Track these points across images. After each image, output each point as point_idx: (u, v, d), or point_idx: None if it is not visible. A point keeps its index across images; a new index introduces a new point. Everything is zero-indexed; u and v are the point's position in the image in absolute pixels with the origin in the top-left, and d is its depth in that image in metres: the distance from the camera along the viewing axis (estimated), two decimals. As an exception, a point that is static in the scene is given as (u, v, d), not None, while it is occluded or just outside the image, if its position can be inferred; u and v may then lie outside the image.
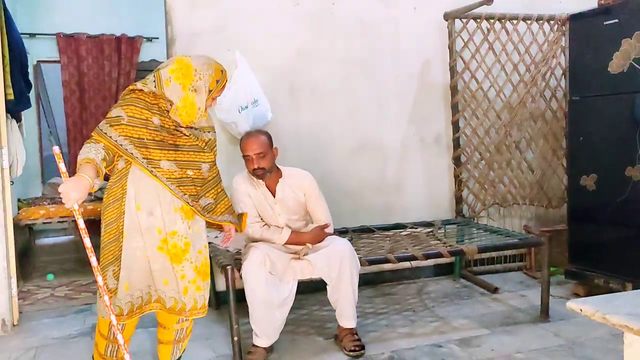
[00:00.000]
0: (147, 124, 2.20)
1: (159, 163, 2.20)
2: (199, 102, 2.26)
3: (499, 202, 4.20)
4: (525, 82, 4.09)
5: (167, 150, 2.23)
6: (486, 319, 3.28)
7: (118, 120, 2.17)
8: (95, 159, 2.09)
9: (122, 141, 2.16)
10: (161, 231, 2.24)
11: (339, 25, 3.86)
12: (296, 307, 3.21)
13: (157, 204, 2.24)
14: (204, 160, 2.34)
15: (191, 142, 2.30)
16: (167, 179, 2.21)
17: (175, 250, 2.26)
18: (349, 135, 3.93)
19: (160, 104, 2.24)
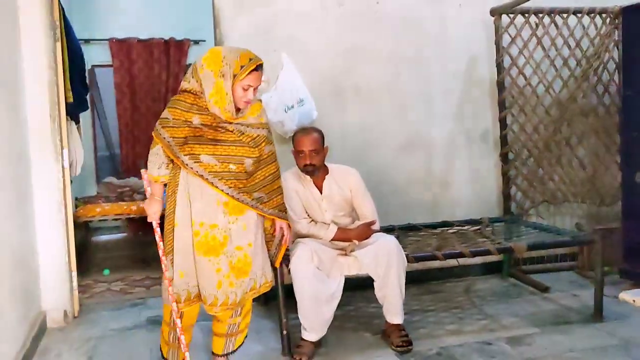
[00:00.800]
0: (188, 124, 2.32)
1: (199, 157, 2.31)
2: (226, 87, 2.29)
3: (548, 200, 4.12)
4: (576, 77, 4.00)
5: (205, 144, 2.32)
6: (537, 318, 3.23)
7: (167, 122, 2.34)
8: (160, 177, 2.43)
9: (171, 141, 2.32)
10: (194, 223, 2.35)
11: (384, 24, 3.87)
12: (343, 303, 3.24)
13: (198, 196, 2.34)
14: (248, 155, 2.37)
15: (234, 137, 2.36)
16: (209, 172, 2.31)
17: (213, 243, 2.34)
18: (395, 133, 3.93)
19: (199, 103, 2.33)
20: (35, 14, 3.23)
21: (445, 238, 3.52)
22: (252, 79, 2.33)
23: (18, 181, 2.98)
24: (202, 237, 2.35)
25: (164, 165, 2.40)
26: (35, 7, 3.23)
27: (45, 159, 3.30)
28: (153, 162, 2.41)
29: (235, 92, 2.32)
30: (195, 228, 2.35)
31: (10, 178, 2.80)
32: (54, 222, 3.35)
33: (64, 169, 3.39)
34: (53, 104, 3.30)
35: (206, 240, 2.34)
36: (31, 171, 3.26)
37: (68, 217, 3.43)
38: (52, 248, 3.36)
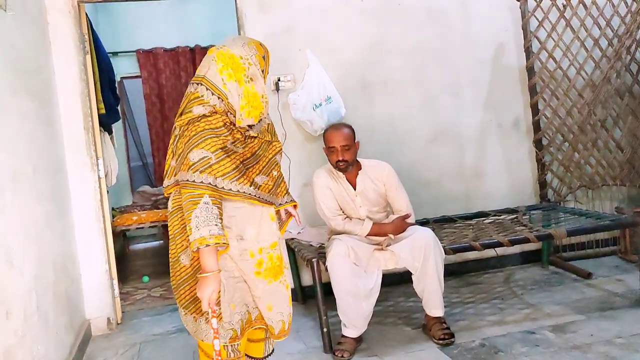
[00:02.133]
0: (228, 151, 1.90)
1: (256, 182, 1.98)
2: (260, 89, 1.97)
3: (586, 185, 4.02)
4: (609, 57, 3.89)
5: (252, 166, 1.99)
6: (581, 305, 3.15)
7: (206, 161, 1.85)
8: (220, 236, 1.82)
9: (222, 183, 1.86)
10: (254, 254, 2.02)
11: (407, 16, 3.84)
12: (382, 299, 3.23)
13: (249, 223, 2.01)
14: (276, 152, 2.14)
15: (260, 140, 2.05)
16: (268, 193, 2.04)
17: (279, 262, 2.10)
18: (425, 126, 3.90)
19: (224, 120, 1.94)
20: (64, 28, 3.31)
21: (481, 228, 3.47)
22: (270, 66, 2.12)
23: (56, 192, 3.05)
24: (268, 262, 2.05)
25: (213, 221, 1.81)
26: (64, 21, 3.31)
27: (81, 169, 3.37)
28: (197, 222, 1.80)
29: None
30: (257, 258, 2.02)
31: (48, 189, 2.87)
32: (93, 232, 3.42)
33: (99, 179, 3.46)
34: (86, 115, 3.38)
35: (272, 264, 2.06)
36: (68, 182, 3.33)
37: (106, 226, 3.50)
38: (93, 257, 3.43)
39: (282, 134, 3.60)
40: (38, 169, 2.69)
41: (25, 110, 2.60)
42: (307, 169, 3.58)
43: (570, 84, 3.91)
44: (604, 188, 4.09)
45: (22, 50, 2.68)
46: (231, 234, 1.97)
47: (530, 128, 4.02)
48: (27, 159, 2.53)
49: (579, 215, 3.55)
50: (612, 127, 4.02)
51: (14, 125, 2.41)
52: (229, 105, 1.93)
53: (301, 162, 3.66)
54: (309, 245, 3.31)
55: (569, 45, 3.88)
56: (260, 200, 1.99)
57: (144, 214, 5.08)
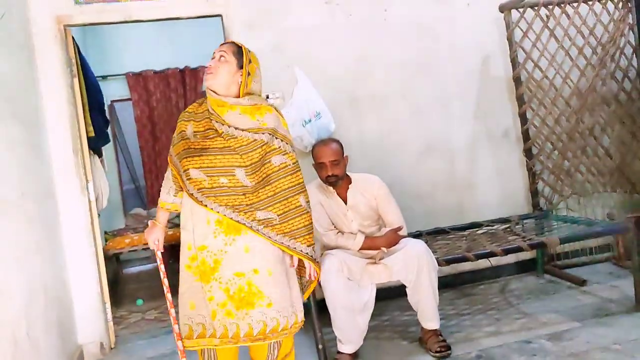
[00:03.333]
0: (183, 136, 2.17)
1: (189, 173, 2.09)
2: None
3: (577, 192, 4.03)
4: (593, 66, 3.93)
5: (192, 156, 2.09)
6: (576, 312, 3.15)
7: (173, 141, 2.24)
8: (165, 204, 2.28)
9: (173, 155, 2.20)
10: (191, 247, 2.12)
11: (394, 30, 3.87)
12: (377, 313, 3.21)
13: (190, 216, 2.14)
14: (238, 165, 2.07)
15: (222, 143, 2.10)
16: (198, 190, 2.07)
17: (203, 268, 2.10)
18: (415, 138, 3.91)
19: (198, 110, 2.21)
20: (51, 52, 3.31)
21: (474, 239, 3.47)
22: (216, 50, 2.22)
23: (46, 217, 3.04)
24: (199, 262, 2.11)
25: (172, 190, 2.25)
26: (51, 46, 3.31)
27: (71, 193, 3.35)
28: (163, 187, 2.29)
29: None
30: (193, 252, 2.12)
31: (38, 214, 2.85)
32: (85, 256, 3.39)
33: (90, 202, 3.44)
34: (75, 138, 3.37)
35: (199, 264, 2.11)
36: (58, 206, 3.31)
37: (98, 250, 3.47)
38: (85, 281, 3.39)
39: (273, 151, 3.61)
40: (27, 195, 2.68)
41: (12, 135, 2.60)
42: (298, 186, 3.57)
43: (557, 92, 3.94)
44: (595, 195, 4.10)
45: (8, 76, 2.68)
46: (181, 223, 2.20)
47: (519, 137, 4.04)
48: (15, 185, 2.52)
49: (572, 223, 3.56)
50: (600, 135, 4.05)
51: (1, 151, 2.40)
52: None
53: (292, 178, 3.65)
54: (303, 261, 3.29)
55: (554, 54, 3.92)
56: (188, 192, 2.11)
57: (136, 237, 5.05)
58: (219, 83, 2.15)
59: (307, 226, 2.20)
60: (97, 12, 3.40)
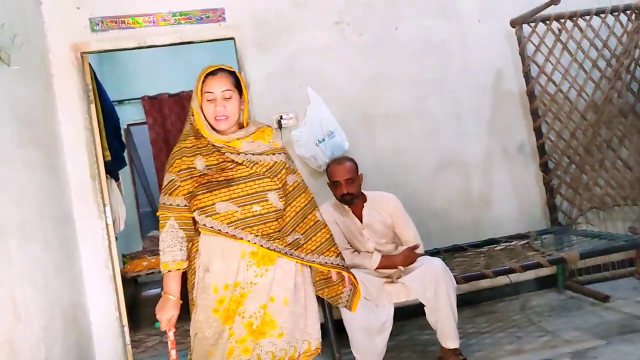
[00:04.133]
0: (192, 172, 1.96)
1: (214, 207, 1.92)
2: (196, 107, 2.01)
3: (597, 206, 3.97)
4: (609, 78, 3.90)
5: (217, 189, 1.93)
6: (600, 329, 3.07)
7: (173, 184, 1.97)
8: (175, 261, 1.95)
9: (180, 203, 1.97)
10: (217, 289, 1.94)
11: (405, 48, 3.89)
12: (396, 333, 3.18)
13: (218, 255, 1.95)
14: (270, 189, 1.99)
15: (247, 170, 1.98)
16: (229, 224, 1.92)
17: (232, 306, 1.94)
18: (429, 155, 3.90)
19: (199, 144, 2.01)
20: (69, 79, 3.38)
21: (492, 256, 3.42)
22: (210, 84, 1.99)
23: (64, 241, 3.06)
24: (228, 302, 1.94)
25: (178, 246, 1.95)
26: (68, 73, 3.38)
27: (89, 217, 3.38)
28: (164, 247, 1.96)
29: (204, 109, 2.00)
30: (220, 294, 1.94)
31: (56, 238, 2.88)
32: (103, 279, 3.41)
33: (107, 226, 3.46)
34: (92, 163, 3.41)
35: (227, 305, 1.94)
36: (76, 230, 3.34)
37: (116, 273, 3.49)
38: (103, 305, 3.40)
39: (287, 171, 3.62)
40: (45, 219, 2.71)
41: (31, 161, 2.64)
42: (313, 205, 3.57)
43: (572, 106, 3.92)
44: (615, 208, 4.04)
45: (27, 103, 2.74)
46: (199, 264, 1.97)
47: (535, 152, 4.00)
48: (34, 209, 2.55)
49: (592, 237, 3.50)
50: (618, 147, 4.00)
51: (21, 176, 2.44)
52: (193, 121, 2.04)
53: (307, 198, 3.65)
54: (319, 281, 3.27)
55: (568, 67, 3.90)
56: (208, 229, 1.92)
57: (154, 259, 5.06)
58: (231, 123, 2.03)
59: (329, 239, 2.13)
60: (113, 39, 3.47)
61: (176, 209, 1.96)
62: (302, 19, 3.74)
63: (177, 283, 1.97)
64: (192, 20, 3.57)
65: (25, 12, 3.00)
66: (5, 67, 2.40)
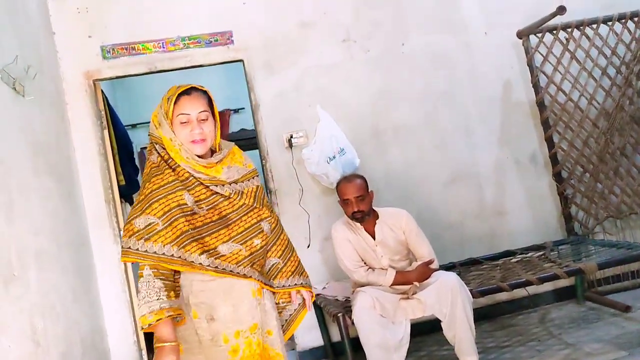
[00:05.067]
0: (184, 210, 1.71)
1: (217, 251, 1.73)
2: (167, 132, 1.77)
3: (613, 215, 3.92)
4: (619, 85, 3.88)
5: (216, 231, 1.75)
6: (622, 341, 3.02)
7: (151, 229, 1.66)
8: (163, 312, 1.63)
9: (171, 250, 1.67)
10: (228, 339, 1.73)
11: (412, 62, 3.90)
12: (414, 349, 3.16)
13: (224, 300, 1.75)
14: (262, 218, 1.86)
15: (237, 202, 1.81)
16: (238, 265, 1.75)
17: (258, 350, 1.77)
18: (440, 168, 3.89)
19: (179, 173, 1.76)
20: (82, 106, 3.44)
21: (508, 268, 3.39)
22: (184, 104, 1.78)
23: (81, 266, 3.09)
24: (245, 350, 1.74)
25: (154, 295, 1.64)
26: (81, 100, 3.44)
27: (105, 241, 3.42)
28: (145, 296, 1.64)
29: (177, 133, 1.76)
30: (232, 344, 1.73)
31: (73, 263, 2.90)
32: (120, 303, 3.43)
33: (123, 250, 3.48)
34: (106, 188, 3.46)
35: (251, 352, 1.75)
36: (92, 255, 3.38)
37: (132, 297, 3.51)
38: (120, 329, 3.42)
39: (299, 189, 3.63)
40: (61, 245, 2.74)
41: (46, 188, 2.68)
42: (326, 222, 3.58)
43: (583, 114, 3.89)
44: (632, 217, 3.99)
45: (42, 132, 2.79)
46: (200, 314, 1.73)
47: (548, 162, 3.98)
48: (50, 236, 2.58)
49: (610, 247, 3.46)
50: (632, 154, 3.96)
51: (37, 204, 2.48)
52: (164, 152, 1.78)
53: (319, 215, 3.66)
54: (335, 300, 3.27)
55: (577, 76, 3.89)
56: (220, 272, 1.71)
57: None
58: (207, 147, 1.81)
59: (299, 260, 2.02)
60: (124, 65, 3.54)
61: (149, 257, 1.65)
62: (309, 39, 3.78)
63: (167, 329, 1.63)
64: (201, 44, 3.63)
65: (39, 42, 3.07)
66: (20, 98, 2.45)
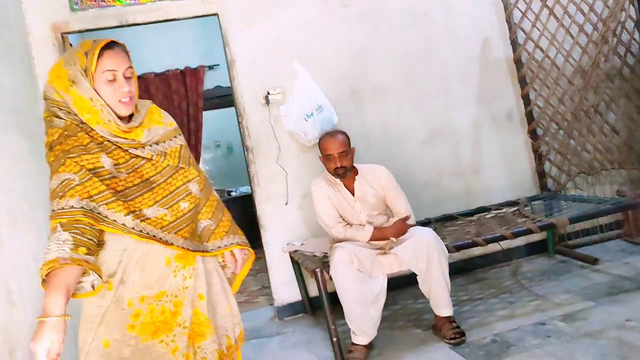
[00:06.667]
0: (101, 174, 1.56)
1: (143, 213, 1.60)
2: (86, 91, 1.58)
3: (585, 171, 4.00)
4: (595, 42, 3.89)
5: (140, 194, 1.61)
6: (590, 292, 3.13)
7: (67, 184, 1.51)
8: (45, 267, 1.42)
9: (90, 204, 1.51)
10: (132, 303, 1.62)
11: (392, 20, 3.85)
12: (390, 303, 3.23)
13: (136, 265, 1.63)
14: (189, 179, 1.74)
15: (160, 164, 1.69)
16: (162, 230, 1.63)
17: (162, 317, 1.66)
18: (418, 126, 3.89)
19: (94, 137, 1.60)
20: (50, 61, 3.29)
21: (483, 224, 3.46)
22: (110, 60, 1.60)
23: (56, 225, 3.05)
24: (146, 316, 1.64)
25: (68, 244, 1.45)
26: (49, 54, 3.30)
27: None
28: (51, 244, 1.46)
29: (101, 92, 1.59)
30: (135, 308, 1.62)
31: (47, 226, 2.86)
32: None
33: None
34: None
35: (152, 319, 1.64)
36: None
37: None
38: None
39: (277, 147, 3.61)
40: (35, 206, 2.69)
41: (17, 148, 2.61)
42: (304, 180, 3.58)
43: (560, 71, 3.92)
44: (603, 173, 4.08)
45: (10, 88, 2.69)
46: (114, 278, 1.61)
47: (524, 119, 4.02)
48: (23, 197, 2.53)
49: (580, 202, 3.54)
50: (605, 111, 4.02)
51: (7, 164, 2.41)
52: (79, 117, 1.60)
53: (298, 173, 3.66)
54: (313, 255, 3.31)
55: (554, 33, 3.89)
56: (144, 236, 1.58)
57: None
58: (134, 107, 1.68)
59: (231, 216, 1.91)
60: (93, 17, 3.41)
61: (66, 213, 1.48)
62: (286, -8, 3.69)
63: (56, 296, 1.40)
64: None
65: (3, -7, 2.94)
66: (-15, 52, 2.36)
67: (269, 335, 3.41)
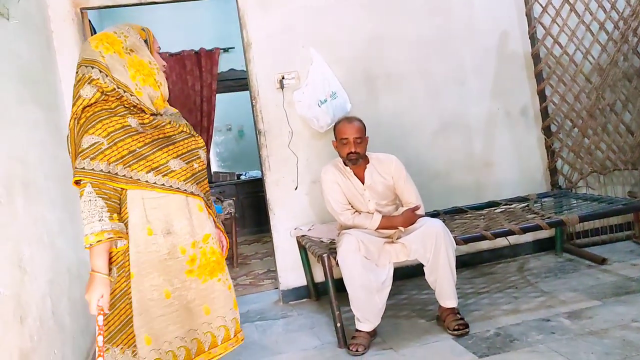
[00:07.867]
0: (129, 131, 1.76)
1: (168, 166, 1.81)
2: (146, 56, 1.84)
3: (597, 170, 3.98)
4: (615, 41, 3.85)
5: (166, 147, 1.82)
6: (596, 291, 3.12)
7: (97, 148, 1.71)
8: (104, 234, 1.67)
9: (116, 169, 1.73)
10: (185, 250, 1.84)
11: (408, 7, 3.82)
12: (395, 292, 3.24)
13: (177, 214, 1.83)
14: (199, 146, 1.94)
15: (177, 129, 1.90)
16: (185, 182, 1.84)
17: (216, 257, 1.91)
18: (431, 117, 3.88)
19: (123, 102, 1.81)
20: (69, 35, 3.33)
21: (492, 218, 3.45)
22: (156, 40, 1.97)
23: (68, 199, 3.07)
24: (202, 258, 1.86)
25: (97, 216, 1.68)
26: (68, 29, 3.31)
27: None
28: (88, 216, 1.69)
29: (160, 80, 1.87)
30: (189, 254, 1.84)
31: (60, 196, 2.89)
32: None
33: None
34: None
35: (207, 260, 1.88)
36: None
37: (118, 230, 3.52)
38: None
39: (289, 131, 3.61)
40: (49, 177, 2.72)
41: (33, 118, 2.63)
42: (315, 166, 3.59)
43: (577, 69, 3.88)
44: (615, 173, 4.06)
45: (28, 60, 2.71)
46: (156, 230, 1.80)
47: (538, 115, 3.99)
48: (37, 167, 2.56)
49: (591, 201, 3.52)
50: (621, 111, 3.98)
51: (23, 134, 2.43)
52: (116, 81, 1.77)
53: (308, 159, 3.66)
54: (320, 241, 3.32)
55: (574, 30, 3.85)
56: (168, 189, 1.79)
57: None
58: None
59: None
60: (113, -6, 3.41)
61: (96, 175, 1.70)
62: (305, -24, 3.67)
63: (103, 259, 1.71)
64: (193, -23, 3.50)
65: (23, -35, 2.94)
66: (5, 21, 2.37)
67: (274, 318, 3.44)
